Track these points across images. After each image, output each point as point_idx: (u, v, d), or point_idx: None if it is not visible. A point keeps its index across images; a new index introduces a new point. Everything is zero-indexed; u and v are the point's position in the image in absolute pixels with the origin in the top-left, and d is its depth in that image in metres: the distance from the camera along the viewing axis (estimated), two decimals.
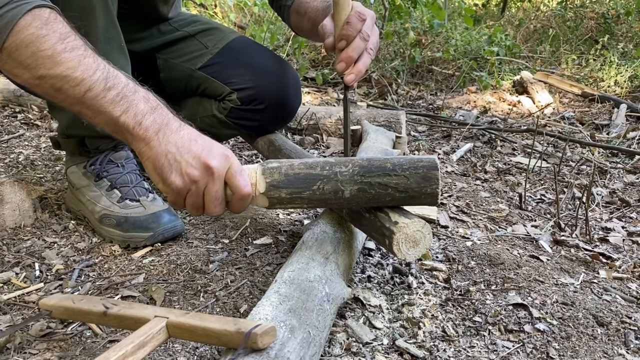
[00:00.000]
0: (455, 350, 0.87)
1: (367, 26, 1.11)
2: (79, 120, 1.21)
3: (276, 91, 1.43)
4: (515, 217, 1.48)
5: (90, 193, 1.27)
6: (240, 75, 1.38)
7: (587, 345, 0.89)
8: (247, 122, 1.47)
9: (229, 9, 3.85)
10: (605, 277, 1.15)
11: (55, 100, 0.86)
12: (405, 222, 0.86)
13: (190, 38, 1.51)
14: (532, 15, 5.62)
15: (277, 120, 1.51)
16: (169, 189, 0.85)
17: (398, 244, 0.86)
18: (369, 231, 0.97)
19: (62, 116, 1.27)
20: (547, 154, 2.11)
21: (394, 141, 1.90)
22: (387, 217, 0.89)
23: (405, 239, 0.87)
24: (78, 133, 1.26)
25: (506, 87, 3.48)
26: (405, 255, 0.87)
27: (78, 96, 0.83)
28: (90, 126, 1.22)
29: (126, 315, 0.75)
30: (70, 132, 1.27)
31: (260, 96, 1.42)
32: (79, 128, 1.24)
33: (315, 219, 1.10)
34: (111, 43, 1.15)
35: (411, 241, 0.87)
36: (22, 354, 0.82)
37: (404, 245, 0.87)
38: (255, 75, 1.42)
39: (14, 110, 2.32)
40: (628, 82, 3.48)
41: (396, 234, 0.86)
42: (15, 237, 1.19)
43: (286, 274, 0.85)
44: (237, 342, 0.65)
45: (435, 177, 0.87)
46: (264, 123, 1.49)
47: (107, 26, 1.14)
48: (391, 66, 3.43)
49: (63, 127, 1.28)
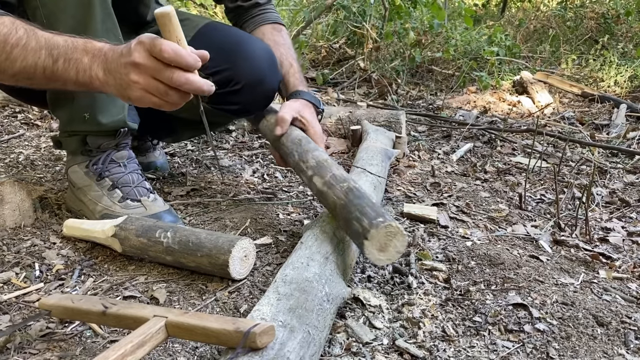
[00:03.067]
0: (455, 350, 0.86)
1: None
2: (78, 115, 1.23)
3: (250, 67, 1.38)
4: (515, 217, 1.48)
5: (91, 192, 1.27)
6: (212, 59, 1.40)
7: (587, 345, 0.88)
8: (227, 106, 1.41)
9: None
10: (605, 277, 1.15)
11: (37, 87, 1.01)
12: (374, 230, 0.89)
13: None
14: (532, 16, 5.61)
15: (256, 100, 1.44)
16: (133, 102, 0.94)
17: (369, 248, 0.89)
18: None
19: (62, 113, 1.27)
20: (547, 154, 2.10)
21: (394, 141, 1.90)
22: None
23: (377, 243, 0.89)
24: (78, 128, 1.26)
25: (506, 87, 3.48)
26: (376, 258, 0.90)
27: (43, 77, 0.95)
28: (90, 120, 1.23)
29: (125, 314, 0.75)
30: (70, 127, 1.27)
31: (235, 77, 1.36)
32: (79, 123, 1.24)
33: (315, 219, 1.10)
34: (109, 35, 1.16)
35: (382, 245, 0.89)
36: (22, 354, 0.82)
37: (375, 249, 0.89)
38: (227, 55, 1.37)
39: (14, 110, 2.33)
40: (628, 82, 3.48)
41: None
42: (15, 237, 1.19)
43: (286, 274, 0.86)
44: (236, 342, 0.65)
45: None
46: (244, 104, 1.42)
47: (104, 18, 1.16)
48: (391, 66, 3.43)
49: (64, 124, 1.28)
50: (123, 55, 0.91)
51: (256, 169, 1.80)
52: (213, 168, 1.80)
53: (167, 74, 0.89)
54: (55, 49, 0.94)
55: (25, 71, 0.95)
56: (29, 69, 0.95)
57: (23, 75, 0.97)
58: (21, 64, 0.95)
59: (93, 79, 0.94)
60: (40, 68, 0.95)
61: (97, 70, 0.93)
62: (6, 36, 0.94)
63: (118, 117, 1.26)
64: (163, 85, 0.90)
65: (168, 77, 0.89)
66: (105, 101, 1.23)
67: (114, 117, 1.25)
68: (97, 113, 1.23)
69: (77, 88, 0.98)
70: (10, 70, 0.96)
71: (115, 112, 1.25)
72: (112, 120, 1.25)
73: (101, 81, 0.94)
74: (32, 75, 0.96)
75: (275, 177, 1.73)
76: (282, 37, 1.55)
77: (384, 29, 3.63)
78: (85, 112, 1.22)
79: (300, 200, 1.50)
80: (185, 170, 1.76)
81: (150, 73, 0.89)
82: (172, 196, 1.50)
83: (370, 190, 1.31)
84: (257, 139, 2.20)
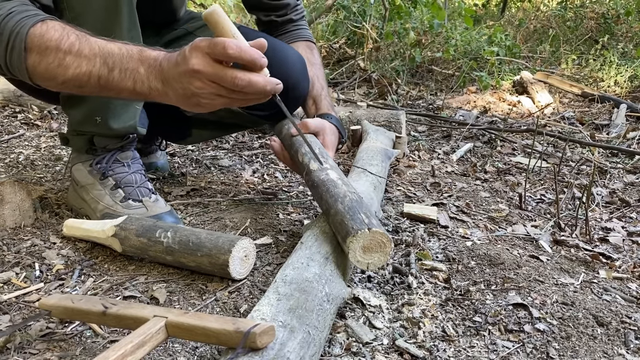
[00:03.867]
0: (455, 350, 0.86)
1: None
2: (90, 118, 1.23)
3: (285, 72, 1.37)
4: (515, 217, 1.48)
5: (94, 191, 1.27)
6: None
7: (587, 345, 0.88)
8: (257, 111, 1.43)
9: (230, 9, 3.85)
10: (605, 277, 1.15)
11: (86, 94, 1.01)
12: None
13: (190, 35, 1.51)
14: (532, 16, 5.62)
15: (288, 105, 1.47)
16: (202, 108, 0.93)
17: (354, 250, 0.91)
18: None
19: (75, 112, 1.26)
20: (547, 154, 2.10)
21: (394, 141, 1.90)
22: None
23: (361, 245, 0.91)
24: (88, 130, 1.26)
25: (506, 87, 3.48)
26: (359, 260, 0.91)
27: (96, 86, 0.93)
28: (101, 124, 1.23)
29: (125, 314, 0.75)
30: (80, 128, 1.27)
31: None
32: (90, 125, 1.24)
33: (315, 219, 1.10)
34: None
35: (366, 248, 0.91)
36: (22, 354, 0.82)
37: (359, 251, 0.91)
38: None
39: (14, 110, 2.33)
40: (628, 82, 3.48)
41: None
42: (15, 237, 1.19)
43: (286, 274, 0.86)
44: (236, 342, 0.65)
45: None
46: (276, 109, 1.45)
47: (130, 26, 1.15)
48: (391, 66, 3.43)
49: (74, 123, 1.28)
50: (179, 64, 0.88)
51: (256, 169, 1.80)
52: (213, 168, 1.80)
53: (229, 78, 0.87)
54: (110, 57, 0.91)
55: (78, 79, 0.92)
56: (82, 77, 0.91)
57: (74, 83, 0.93)
58: (74, 72, 0.91)
59: (152, 90, 0.92)
60: (95, 77, 0.91)
61: (155, 81, 0.91)
62: (58, 42, 0.91)
63: (129, 122, 1.26)
64: (226, 88, 0.88)
65: (230, 81, 0.87)
66: (119, 106, 1.23)
67: (125, 122, 1.25)
68: (109, 117, 1.23)
69: (132, 98, 0.95)
70: (61, 77, 0.92)
71: (127, 118, 1.26)
72: (123, 125, 1.25)
73: (160, 92, 0.92)
74: (84, 84, 0.93)
75: (275, 177, 1.73)
76: (314, 57, 1.55)
77: (384, 29, 3.63)
78: (98, 115, 1.22)
79: (300, 200, 1.50)
80: (185, 170, 1.76)
81: (212, 79, 0.87)
82: (172, 196, 1.50)
83: (370, 190, 1.31)
84: (257, 139, 2.20)
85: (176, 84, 0.90)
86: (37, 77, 0.94)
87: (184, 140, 1.72)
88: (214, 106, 0.93)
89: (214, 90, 0.89)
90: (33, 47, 0.91)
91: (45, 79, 0.94)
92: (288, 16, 1.55)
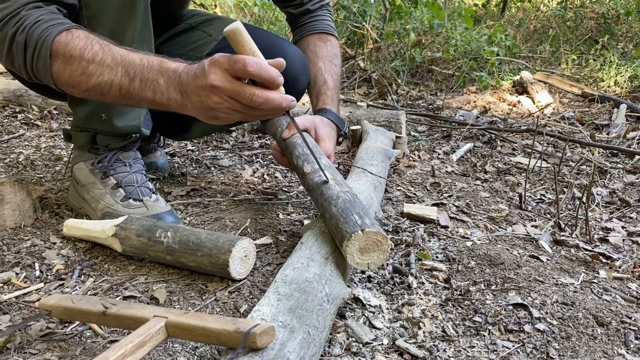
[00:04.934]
0: (455, 350, 0.86)
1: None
2: (96, 115, 1.24)
3: (285, 68, 1.41)
4: (515, 217, 1.48)
5: (95, 190, 1.27)
6: None
7: (587, 345, 0.88)
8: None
9: (229, 9, 3.85)
10: (605, 277, 1.15)
11: (107, 102, 1.02)
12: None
13: (192, 29, 1.52)
14: (532, 16, 5.62)
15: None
16: (219, 121, 0.95)
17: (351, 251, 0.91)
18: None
19: (81, 109, 1.26)
20: (547, 154, 2.10)
21: (394, 141, 1.90)
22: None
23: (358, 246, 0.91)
24: (92, 127, 1.26)
25: (506, 87, 3.48)
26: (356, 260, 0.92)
27: (117, 95, 0.96)
28: (106, 122, 1.24)
29: (125, 315, 0.75)
30: (84, 124, 1.27)
31: None
32: (95, 122, 1.25)
33: (315, 219, 1.10)
34: (144, 45, 1.17)
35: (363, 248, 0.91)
36: (22, 354, 0.82)
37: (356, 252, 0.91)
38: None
39: (14, 110, 2.33)
40: (628, 82, 3.48)
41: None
42: (15, 237, 1.19)
43: (286, 274, 0.86)
44: (236, 342, 0.65)
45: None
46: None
47: (143, 27, 1.16)
48: (391, 66, 3.43)
49: (80, 119, 1.28)
50: (198, 77, 0.90)
51: (256, 169, 1.80)
52: (213, 168, 1.80)
53: (246, 95, 0.88)
54: (131, 67, 0.94)
55: (100, 87, 0.95)
56: (105, 85, 0.95)
57: (96, 91, 0.96)
58: (96, 80, 0.94)
59: (171, 101, 0.94)
60: (117, 86, 0.94)
61: (174, 93, 0.93)
62: (82, 50, 0.94)
63: (134, 122, 1.26)
64: (243, 104, 0.90)
65: (248, 98, 0.88)
66: (125, 106, 1.23)
67: (130, 122, 1.26)
68: (114, 116, 1.23)
69: (152, 107, 0.98)
70: (84, 85, 0.96)
71: (132, 118, 1.26)
72: (127, 124, 1.26)
73: (179, 104, 0.94)
74: (106, 92, 0.96)
75: (275, 177, 1.73)
76: (325, 49, 1.54)
77: (384, 29, 3.63)
78: (103, 112, 1.23)
79: (300, 200, 1.50)
80: (185, 170, 1.76)
81: (230, 95, 0.89)
82: (172, 196, 1.50)
83: (370, 191, 1.31)
84: (257, 139, 2.20)
85: (194, 97, 0.91)
86: (62, 83, 0.98)
87: (183, 135, 1.73)
88: (231, 120, 0.95)
89: (231, 105, 0.90)
90: (58, 55, 0.94)
91: (69, 85, 0.98)
92: (305, 6, 1.56)
